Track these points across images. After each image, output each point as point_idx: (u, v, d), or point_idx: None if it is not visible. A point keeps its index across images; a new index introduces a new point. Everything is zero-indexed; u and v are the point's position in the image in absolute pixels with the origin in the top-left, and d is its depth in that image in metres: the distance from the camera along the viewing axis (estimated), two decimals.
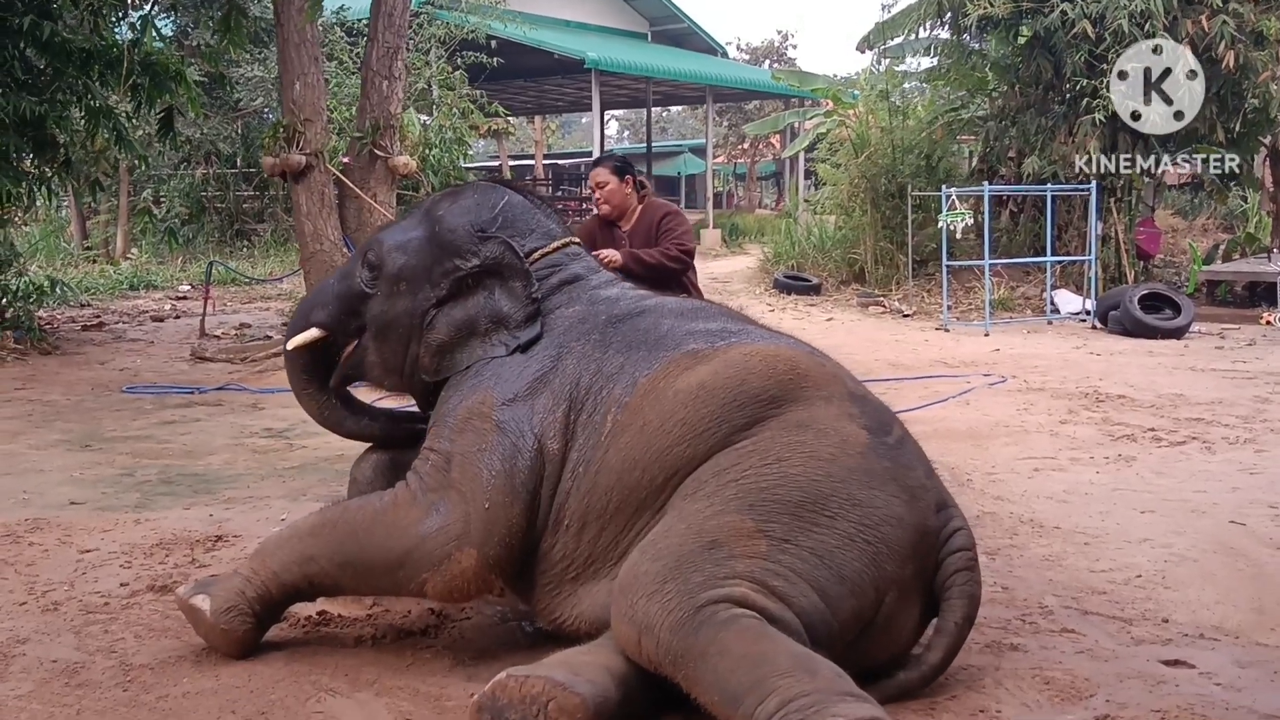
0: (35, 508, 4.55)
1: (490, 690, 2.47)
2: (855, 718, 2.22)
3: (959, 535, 2.84)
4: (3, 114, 7.69)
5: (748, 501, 2.66)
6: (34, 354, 8.52)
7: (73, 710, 2.71)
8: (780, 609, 2.51)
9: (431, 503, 2.95)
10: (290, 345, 3.45)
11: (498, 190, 3.46)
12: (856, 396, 2.95)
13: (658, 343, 3.04)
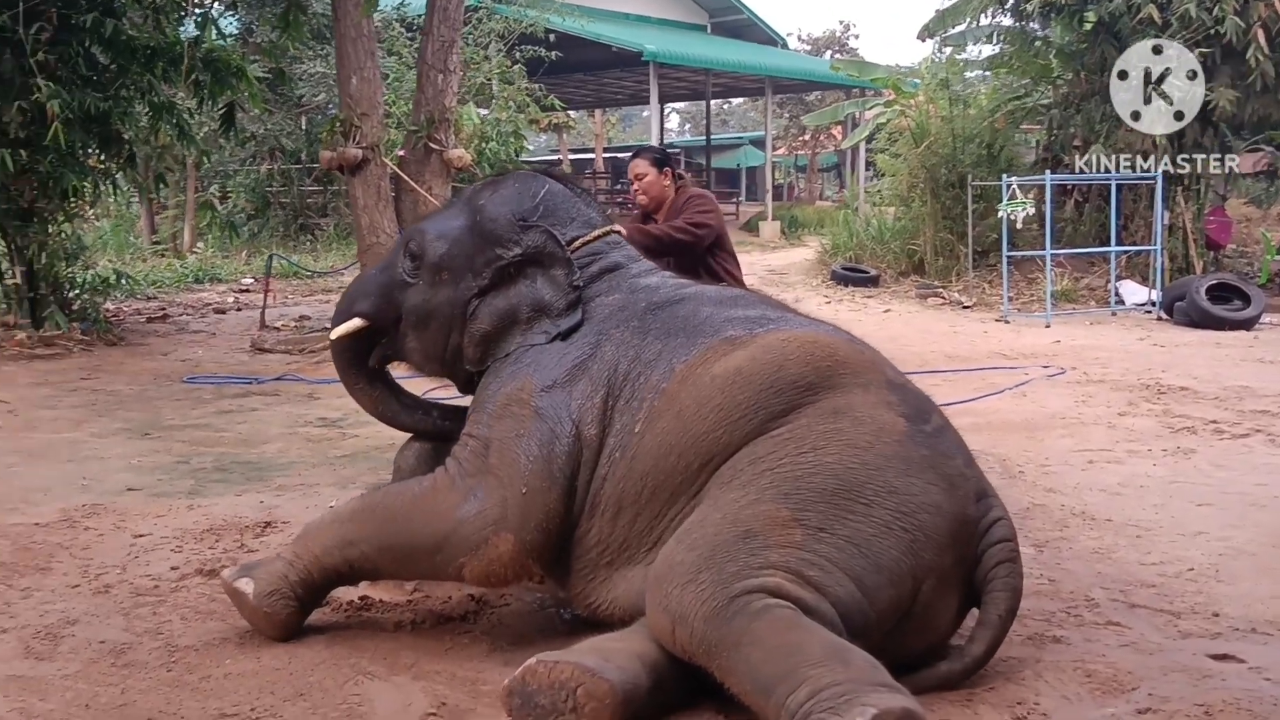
0: (94, 494, 4.65)
1: (520, 675, 2.48)
2: (886, 708, 2.19)
3: (999, 526, 2.80)
4: (68, 110, 7.83)
5: (783, 490, 2.64)
6: (100, 345, 8.70)
7: (117, 690, 2.76)
8: (815, 599, 2.49)
9: (469, 488, 2.97)
10: (334, 334, 3.48)
11: (538, 179, 3.47)
12: (895, 384, 2.92)
13: (696, 329, 3.03)
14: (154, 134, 9.28)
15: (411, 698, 2.74)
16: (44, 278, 8.83)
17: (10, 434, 5.85)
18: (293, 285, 13.35)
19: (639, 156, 4.95)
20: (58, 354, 8.23)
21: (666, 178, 4.79)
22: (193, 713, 2.63)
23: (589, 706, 2.41)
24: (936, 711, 2.58)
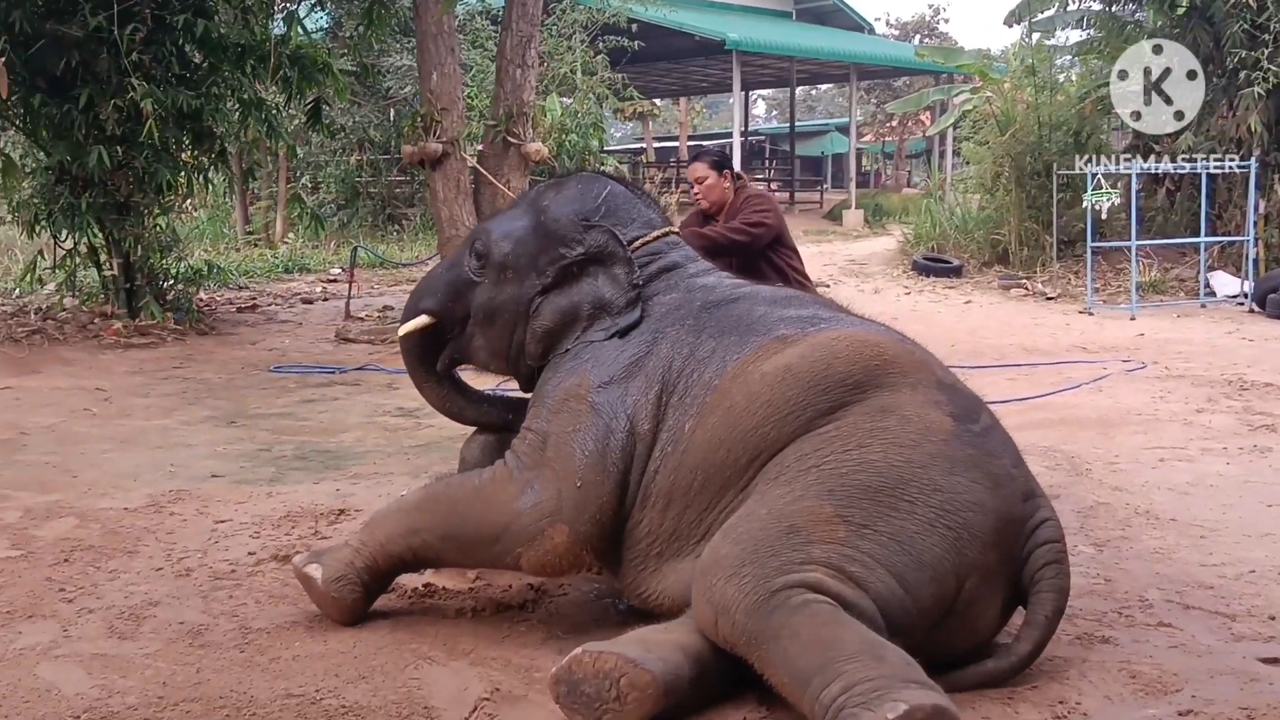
0: (180, 480, 4.86)
1: (567, 664, 2.57)
2: (917, 704, 2.24)
3: (1046, 527, 2.82)
4: (162, 108, 8.13)
5: (828, 487, 2.69)
6: (192, 334, 9.01)
7: (193, 669, 2.91)
8: (856, 595, 2.54)
9: (527, 480, 3.07)
10: (401, 331, 3.60)
11: (600, 180, 3.55)
12: (944, 384, 2.95)
13: (749, 328, 3.09)
14: (244, 129, 9.57)
15: (468, 683, 2.85)
16: (140, 269, 9.16)
17: (105, 421, 6.12)
18: (378, 275, 13.63)
19: (698, 160, 5.01)
20: (152, 343, 8.55)
21: (726, 180, 4.85)
22: (262, 692, 2.77)
23: (631, 696, 2.50)
24: (977, 709, 2.62)
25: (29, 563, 3.73)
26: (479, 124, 11.17)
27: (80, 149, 8.44)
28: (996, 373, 7.48)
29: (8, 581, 3.55)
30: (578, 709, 2.55)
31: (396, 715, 2.66)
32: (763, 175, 31.44)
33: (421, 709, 2.69)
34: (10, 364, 7.62)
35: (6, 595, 3.42)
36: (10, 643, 3.07)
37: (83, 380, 7.26)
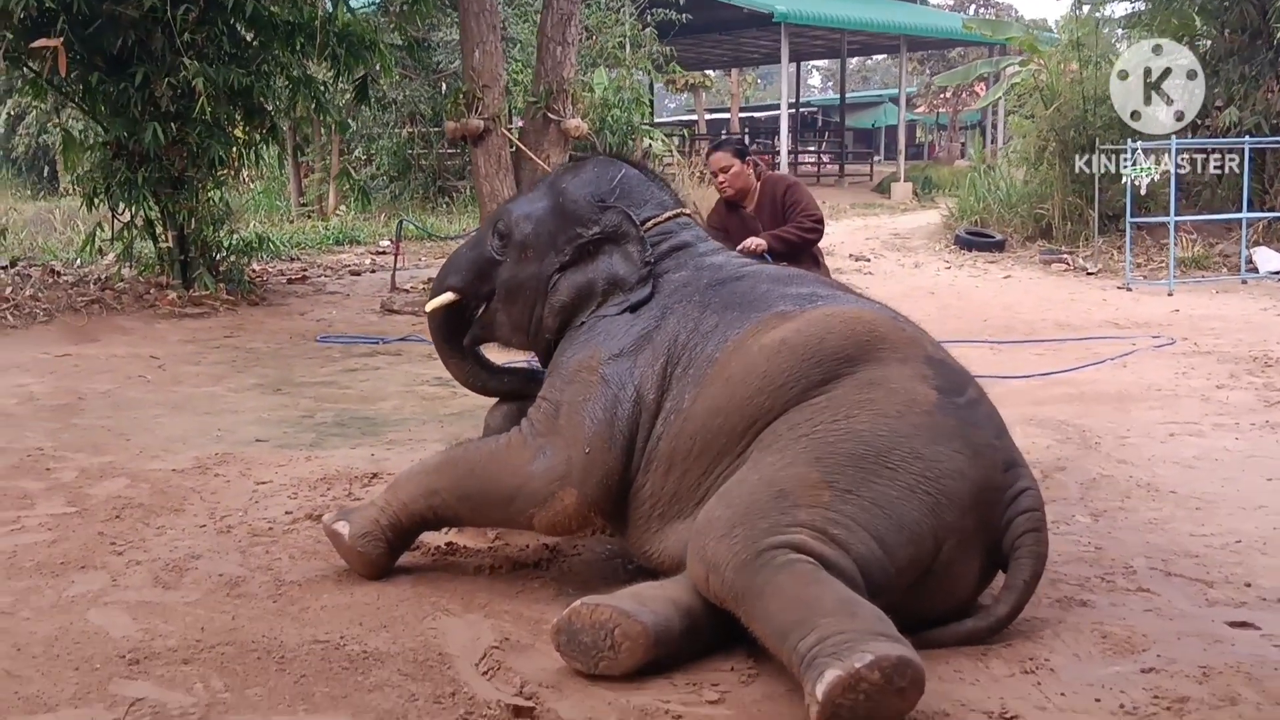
0: (225, 444, 5.12)
1: (567, 615, 2.78)
2: (883, 654, 2.42)
3: (1026, 496, 2.98)
4: (214, 86, 8.42)
5: (815, 455, 2.87)
6: (244, 304, 9.31)
7: (229, 616, 3.16)
8: (838, 555, 2.72)
9: (540, 446, 3.28)
10: (428, 307, 3.82)
11: (615, 164, 3.76)
12: (934, 360, 3.11)
13: (751, 304, 3.28)
14: (293, 106, 9.83)
15: (480, 633, 3.06)
16: (194, 241, 9.47)
17: (158, 387, 6.42)
18: (425, 248, 13.90)
19: (720, 150, 5.18)
20: (205, 313, 8.86)
21: (749, 167, 5.03)
22: (291, 638, 3.00)
23: (625, 645, 2.70)
24: (950, 663, 2.80)
25: (83, 519, 4.01)
26: (524, 99, 11.34)
27: (136, 125, 8.74)
28: (1025, 348, 7.57)
29: (63, 535, 3.82)
30: (576, 656, 2.76)
31: (413, 661, 2.88)
32: (813, 148, 31.41)
33: (436, 655, 2.91)
34: (70, 332, 7.97)
35: (61, 548, 3.70)
36: (64, 590, 3.34)
37: (138, 348, 7.58)
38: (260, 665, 2.84)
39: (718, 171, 5.07)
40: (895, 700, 2.43)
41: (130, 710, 2.59)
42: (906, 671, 2.42)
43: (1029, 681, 2.71)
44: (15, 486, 4.38)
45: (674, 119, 37.46)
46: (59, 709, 2.60)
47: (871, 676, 2.38)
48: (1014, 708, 2.56)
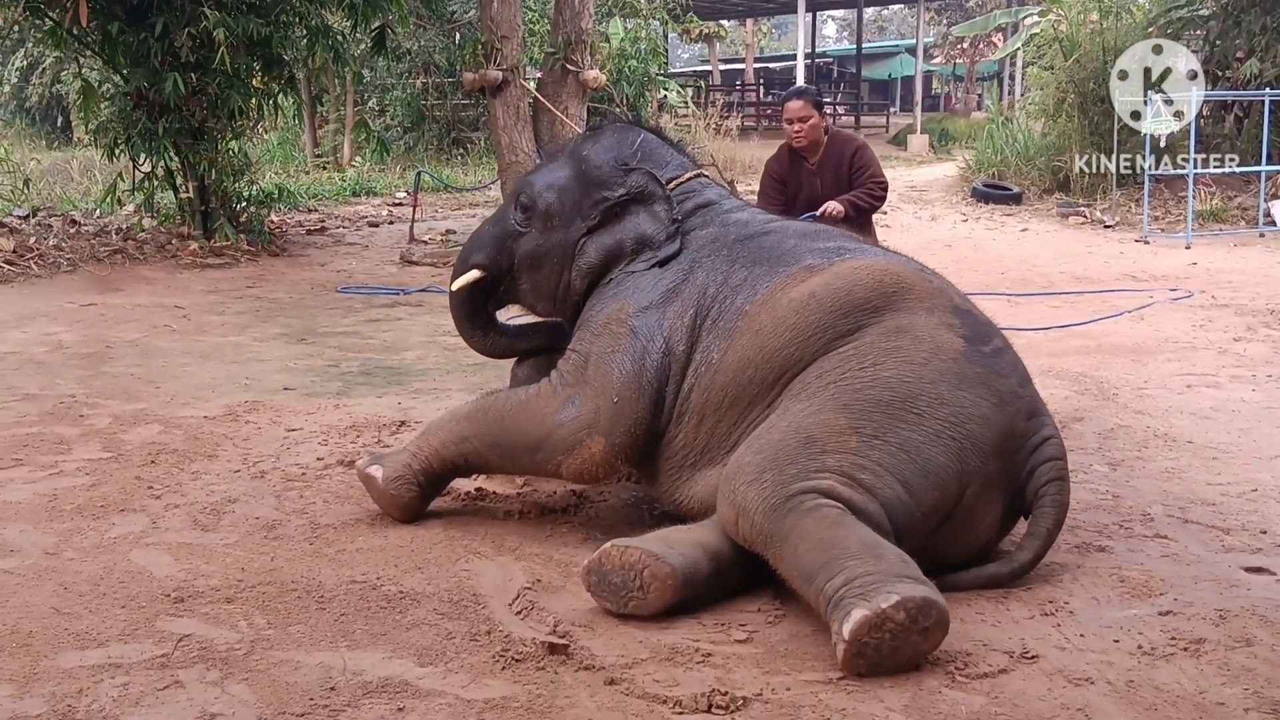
0: (254, 392, 5.21)
1: (597, 557, 2.86)
2: (908, 595, 2.50)
3: (1049, 445, 3.04)
4: (233, 36, 8.43)
5: (843, 401, 2.94)
6: (264, 255, 9.39)
7: (267, 557, 3.25)
8: (865, 500, 2.79)
9: (569, 396, 3.35)
10: (454, 286, 3.85)
11: (634, 129, 3.83)
12: (960, 310, 3.16)
13: (780, 258, 3.33)
14: (311, 56, 9.84)
15: (512, 574, 3.15)
16: (214, 192, 9.53)
17: (184, 337, 6.51)
18: (441, 199, 13.92)
19: (800, 99, 5.07)
20: (226, 263, 8.93)
21: (823, 120, 5.01)
22: (329, 579, 3.09)
23: (654, 586, 2.79)
24: (972, 605, 2.88)
25: (119, 464, 4.10)
26: (541, 50, 11.32)
27: (156, 76, 8.78)
28: (1042, 301, 7.60)
29: (101, 480, 3.92)
30: (606, 596, 2.85)
31: (448, 600, 2.96)
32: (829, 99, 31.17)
33: (470, 596, 3.00)
34: (95, 282, 8.05)
35: (101, 491, 3.79)
36: (106, 532, 3.43)
37: (162, 298, 7.66)
38: (301, 604, 2.93)
39: (795, 120, 4.99)
40: (919, 640, 2.51)
41: (179, 645, 2.68)
42: (931, 612, 2.50)
43: (1049, 623, 2.78)
44: (52, 432, 4.47)
45: (688, 69, 37.19)
46: (109, 644, 2.69)
47: (897, 616, 2.46)
48: (1034, 647, 2.63)
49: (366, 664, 2.60)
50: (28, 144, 21.31)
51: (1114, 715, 2.34)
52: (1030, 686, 2.46)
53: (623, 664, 2.60)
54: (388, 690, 2.48)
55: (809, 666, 2.59)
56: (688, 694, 2.44)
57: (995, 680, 2.49)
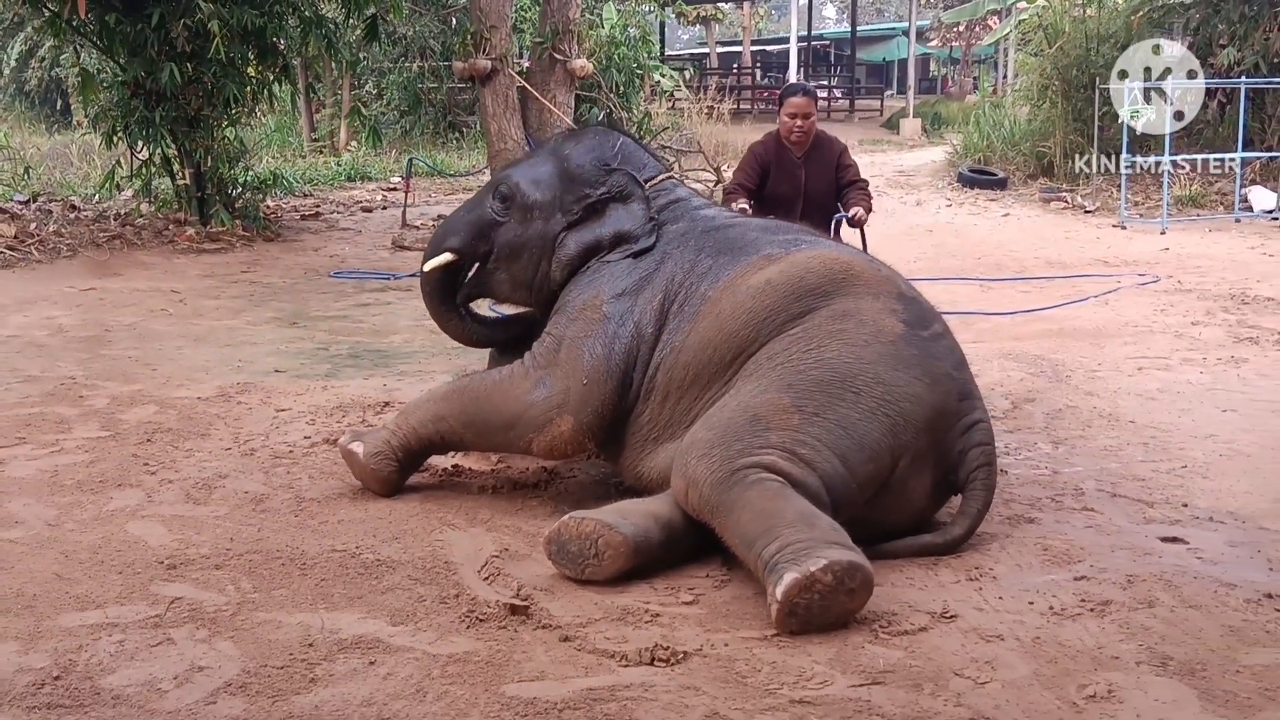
0: (246, 374, 5.44)
1: (557, 528, 3.10)
2: (835, 559, 2.74)
3: (979, 429, 3.30)
4: (228, 26, 8.63)
5: (788, 381, 3.19)
6: (259, 240, 9.61)
7: (255, 528, 3.49)
8: (804, 473, 3.03)
9: (540, 378, 3.60)
10: (426, 267, 4.03)
11: (613, 134, 4.09)
12: (905, 297, 3.42)
13: (741, 249, 3.61)
14: (305, 45, 10.03)
15: (483, 544, 3.39)
16: (210, 178, 9.74)
17: (180, 320, 6.74)
18: (435, 185, 14.12)
19: (805, 95, 5.26)
20: (222, 248, 9.15)
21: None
22: (311, 548, 3.33)
23: (608, 554, 3.03)
24: (903, 571, 3.12)
25: (116, 442, 4.34)
26: (531, 38, 11.51)
27: (153, 65, 8.98)
28: (1012, 285, 7.83)
29: (99, 457, 4.15)
30: (565, 564, 3.09)
31: (421, 567, 3.20)
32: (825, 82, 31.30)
33: (443, 563, 3.23)
34: (93, 266, 8.28)
35: (99, 468, 4.03)
36: (103, 505, 3.67)
37: (159, 283, 7.88)
38: (284, 570, 3.17)
39: (799, 116, 5.14)
40: (845, 600, 2.76)
41: (171, 607, 2.92)
42: (856, 574, 2.75)
43: (972, 587, 3.03)
44: (52, 412, 4.71)
45: (685, 51, 37.28)
46: (107, 606, 2.93)
47: (824, 579, 2.71)
48: (955, 608, 2.87)
49: (343, 623, 2.84)
50: (27, 128, 21.46)
51: (1017, 667, 2.58)
52: (946, 642, 2.71)
53: (578, 623, 2.85)
54: (361, 646, 2.72)
55: (747, 625, 2.83)
56: (633, 649, 2.68)
57: (915, 637, 2.73)
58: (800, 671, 2.57)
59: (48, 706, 2.45)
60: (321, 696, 2.49)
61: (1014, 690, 2.48)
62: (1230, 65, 11.98)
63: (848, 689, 2.50)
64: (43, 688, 2.52)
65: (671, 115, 16.40)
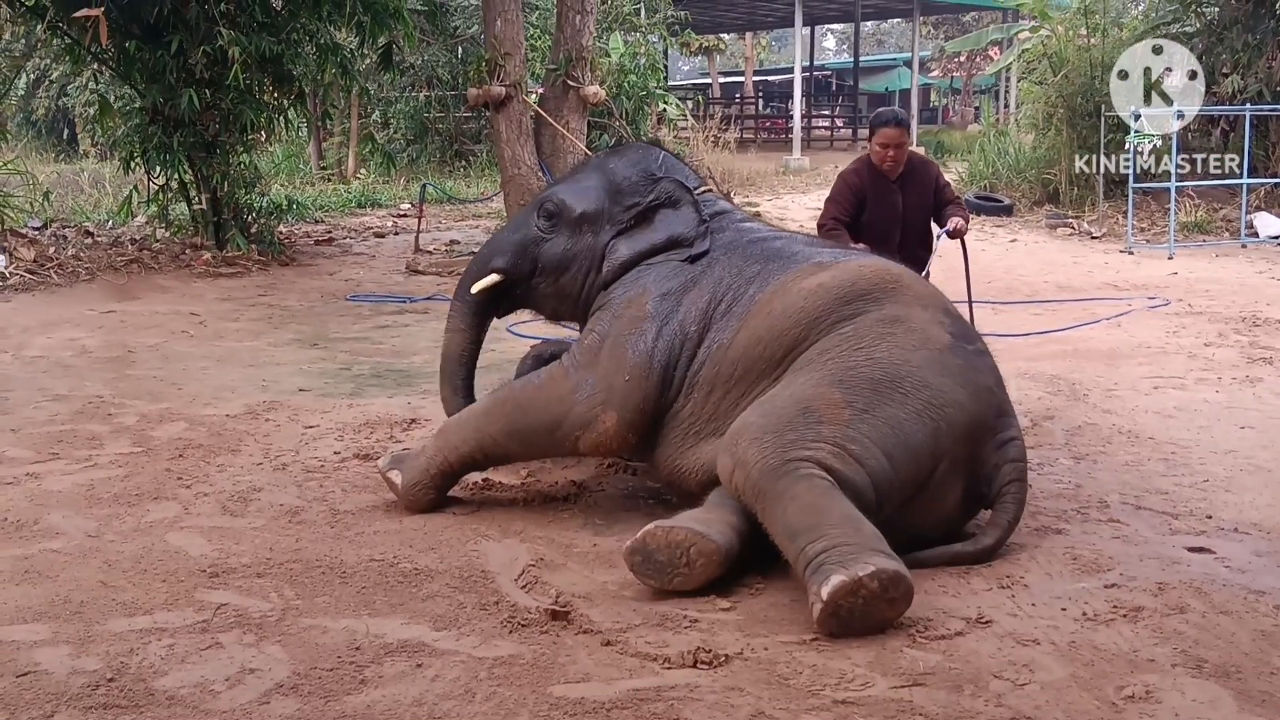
0: (272, 393, 5.50)
1: (641, 538, 3.09)
2: (882, 567, 2.80)
3: (1013, 445, 3.38)
4: (246, 53, 8.74)
5: (839, 377, 3.27)
6: (275, 265, 9.66)
7: (293, 539, 3.54)
8: (852, 471, 3.09)
9: (582, 376, 3.67)
10: (475, 289, 4.09)
11: (653, 148, 4.20)
12: (950, 312, 3.54)
13: (791, 257, 3.72)
14: (321, 73, 10.15)
15: (517, 554, 3.44)
16: (226, 203, 9.82)
17: (202, 342, 6.80)
18: (445, 210, 14.22)
19: (896, 126, 5.16)
20: (239, 272, 9.22)
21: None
22: (349, 558, 3.38)
23: (700, 562, 3.06)
24: (936, 580, 3.17)
25: (149, 457, 4.39)
26: (543, 66, 11.64)
27: (172, 91, 9.08)
28: (1024, 308, 7.90)
29: (134, 471, 4.21)
30: (651, 574, 3.09)
31: (459, 576, 3.25)
32: (827, 111, 31.54)
33: (479, 572, 3.29)
34: (112, 290, 8.34)
35: (134, 481, 4.08)
36: (142, 517, 3.72)
37: (178, 306, 7.95)
38: (325, 579, 3.22)
39: (892, 146, 5.09)
40: (887, 608, 2.81)
41: (217, 613, 2.97)
42: (900, 584, 2.81)
43: (1004, 594, 3.08)
44: (84, 429, 4.77)
45: (687, 82, 37.55)
46: (154, 612, 2.98)
47: (871, 585, 2.77)
48: (989, 614, 2.93)
49: (387, 629, 2.89)
50: (35, 156, 21.60)
51: (1054, 669, 2.63)
52: (983, 646, 2.76)
53: (618, 628, 2.90)
54: (407, 650, 2.77)
55: (786, 630, 2.88)
56: (676, 652, 2.73)
57: (952, 641, 2.78)
58: (841, 674, 2.62)
59: (104, 707, 2.50)
60: (373, 697, 2.54)
61: (1053, 691, 2.53)
62: (1234, 93, 12.10)
63: (889, 690, 2.55)
64: (98, 689, 2.57)
65: (678, 144, 16.53)
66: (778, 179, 18.85)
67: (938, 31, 35.73)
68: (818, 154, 23.49)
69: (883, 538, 2.96)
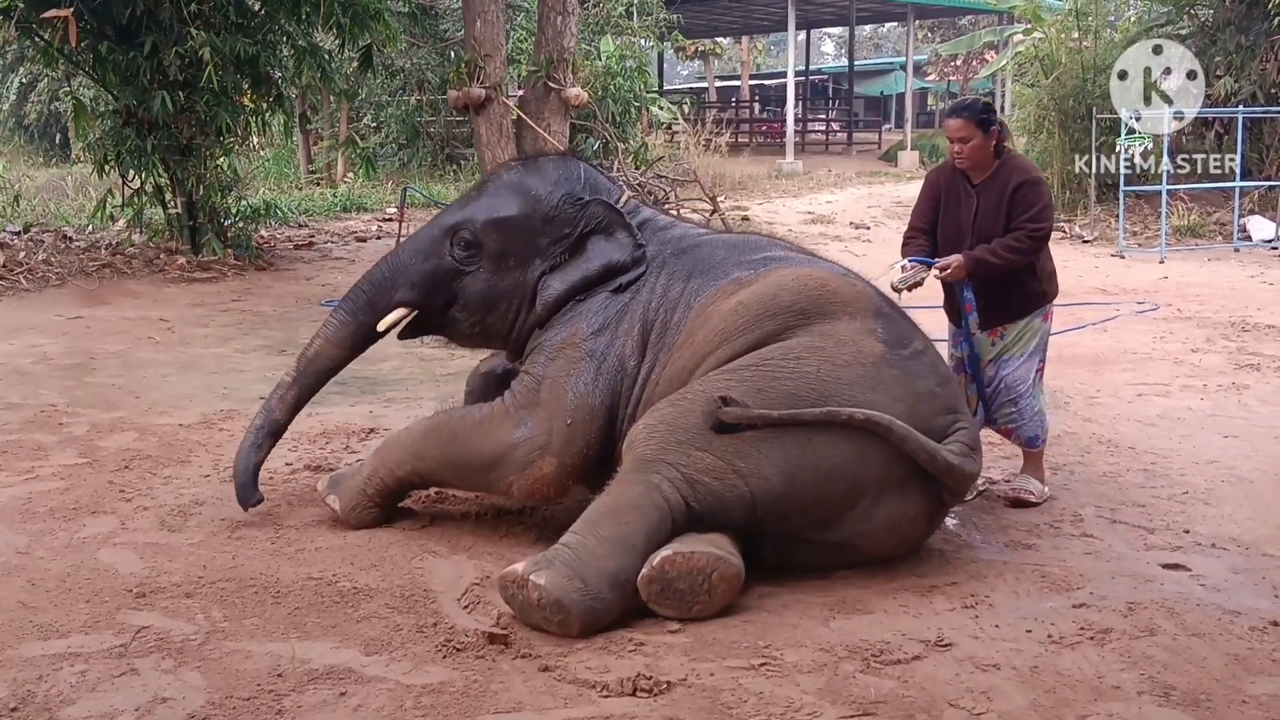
0: (231, 401, 5.35)
1: (658, 565, 2.92)
2: (551, 590, 2.83)
3: (961, 432, 3.21)
4: (220, 55, 8.58)
5: (757, 385, 3.13)
6: (251, 269, 9.51)
7: (229, 556, 3.39)
8: (726, 488, 3.05)
9: (522, 418, 3.47)
10: (380, 328, 3.77)
11: (570, 160, 3.94)
12: (881, 314, 3.35)
13: (709, 271, 3.53)
14: (299, 75, 9.99)
15: (464, 571, 3.29)
16: (202, 208, 9.64)
17: (167, 348, 6.65)
18: (430, 214, 14.04)
19: (961, 116, 4.10)
20: (213, 277, 9.07)
21: (991, 139, 4.03)
22: (286, 575, 3.23)
23: (721, 587, 2.93)
24: (897, 599, 3.03)
25: (94, 469, 4.24)
26: (525, 68, 11.50)
27: (145, 94, 8.91)
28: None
29: (75, 484, 4.06)
30: (669, 603, 2.92)
31: (399, 595, 3.10)
32: (823, 115, 31.41)
33: (421, 591, 3.14)
34: (82, 295, 8.19)
35: (74, 495, 3.93)
36: (76, 532, 3.57)
37: (148, 311, 7.80)
38: (257, 599, 3.07)
39: (954, 139, 4.11)
40: (540, 619, 2.86)
41: (136, 636, 2.82)
42: (557, 613, 2.84)
43: (968, 615, 2.93)
44: (30, 439, 4.61)
45: (684, 86, 37.46)
46: (70, 635, 2.83)
47: (531, 594, 2.87)
48: (950, 637, 2.78)
49: (315, 653, 2.74)
50: (25, 161, 21.47)
51: (1014, 697, 2.48)
52: (940, 671, 2.61)
53: (559, 653, 2.75)
54: (332, 677, 2.62)
55: (734, 654, 2.73)
56: (615, 679, 2.58)
57: (908, 666, 2.64)
58: (789, 702, 2.48)
59: None
60: None
61: None
62: (1227, 95, 11.97)
63: None
64: None
65: (669, 147, 16.38)
66: (770, 183, 18.68)
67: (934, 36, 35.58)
68: (812, 158, 23.35)
69: (636, 574, 2.92)
